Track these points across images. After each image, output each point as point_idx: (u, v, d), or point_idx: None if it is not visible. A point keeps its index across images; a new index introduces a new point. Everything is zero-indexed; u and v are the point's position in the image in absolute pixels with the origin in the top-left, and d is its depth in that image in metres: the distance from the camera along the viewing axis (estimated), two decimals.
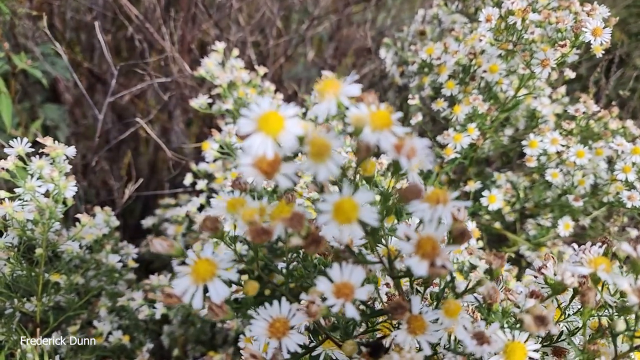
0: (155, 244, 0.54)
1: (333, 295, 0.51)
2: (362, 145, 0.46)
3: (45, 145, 1.15)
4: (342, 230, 0.47)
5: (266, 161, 0.48)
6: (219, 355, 1.31)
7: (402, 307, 0.55)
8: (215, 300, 0.50)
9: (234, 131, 1.40)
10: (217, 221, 0.54)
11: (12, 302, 1.24)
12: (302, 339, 0.55)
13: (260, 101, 0.48)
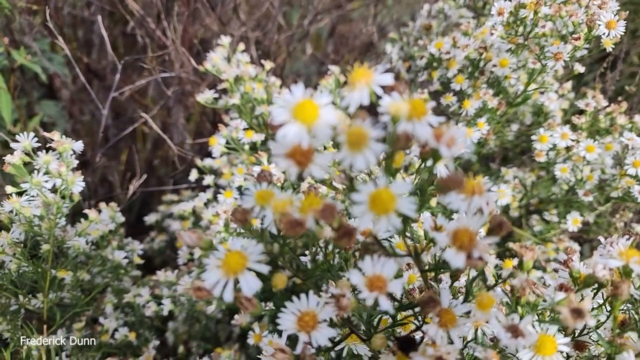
0: (184, 236, 0.52)
1: (366, 288, 0.50)
2: (401, 134, 0.45)
3: (52, 140, 1.14)
4: (378, 221, 0.45)
5: (300, 151, 0.46)
6: (227, 351, 1.30)
7: (433, 301, 0.54)
8: (247, 293, 0.49)
9: (241, 126, 1.39)
10: (248, 213, 0.52)
11: (18, 298, 1.22)
12: (332, 333, 0.54)
13: (294, 89, 0.47)
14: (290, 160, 0.46)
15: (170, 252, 1.94)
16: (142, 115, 1.58)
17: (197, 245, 0.54)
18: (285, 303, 0.55)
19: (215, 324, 1.72)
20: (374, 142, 0.45)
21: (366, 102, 0.50)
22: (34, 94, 2.51)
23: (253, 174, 1.25)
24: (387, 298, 0.50)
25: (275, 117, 0.45)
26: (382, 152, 0.44)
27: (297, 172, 0.47)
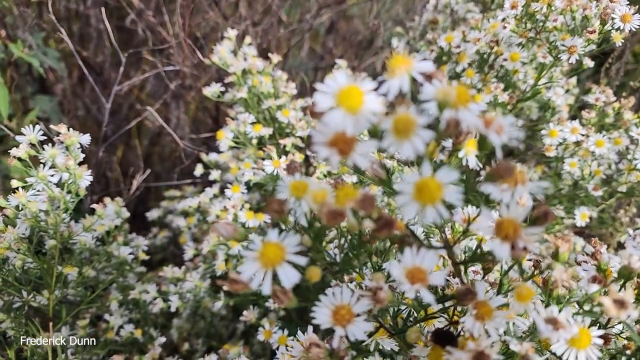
0: (219, 228, 0.51)
1: (407, 281, 0.49)
2: (451, 120, 0.44)
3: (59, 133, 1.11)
4: (423, 212, 0.44)
5: (343, 139, 0.45)
6: (236, 348, 1.29)
7: (471, 293, 0.53)
8: (286, 285, 0.47)
9: (249, 120, 1.37)
10: (284, 203, 0.51)
11: (22, 295, 1.20)
12: (369, 327, 0.52)
13: (338, 75, 0.46)
14: (332, 149, 0.45)
15: (170, 249, 1.93)
16: (147, 108, 1.55)
17: (232, 237, 0.52)
18: (320, 296, 0.54)
19: (219, 321, 1.71)
20: (421, 129, 0.43)
21: (406, 89, 0.49)
22: (27, 89, 2.47)
23: (263, 168, 1.24)
24: (428, 291, 0.48)
25: (319, 104, 0.44)
26: (430, 139, 0.43)
27: (338, 161, 0.45)
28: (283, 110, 1.43)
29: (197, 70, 2.00)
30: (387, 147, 0.44)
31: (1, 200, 1.09)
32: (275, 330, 1.21)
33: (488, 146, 0.46)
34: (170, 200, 1.89)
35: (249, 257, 0.49)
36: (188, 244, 1.49)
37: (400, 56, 0.50)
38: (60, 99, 2.36)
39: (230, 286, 0.49)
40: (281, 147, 1.36)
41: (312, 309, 0.54)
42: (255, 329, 1.70)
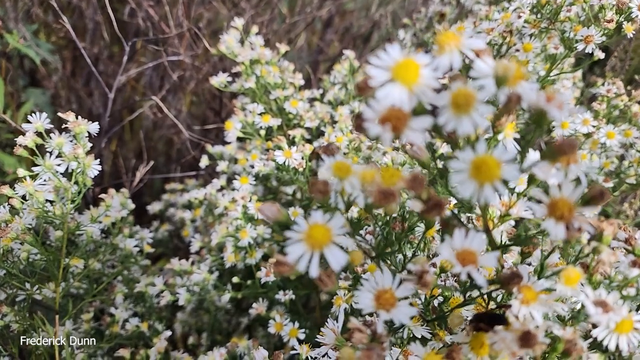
0: (264, 210, 0.49)
1: (459, 263, 0.48)
2: (512, 96, 0.43)
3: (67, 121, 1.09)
4: (481, 190, 0.43)
5: (396, 115, 0.44)
6: (244, 341, 1.27)
7: (517, 276, 0.52)
8: (335, 267, 0.46)
9: (258, 110, 1.35)
10: (328, 184, 0.49)
11: (27, 288, 1.17)
12: (413, 311, 0.51)
13: (391, 48, 0.44)
14: (386, 125, 0.43)
15: (170, 243, 1.90)
16: (152, 98, 1.52)
17: (276, 219, 0.51)
18: (361, 281, 0.53)
19: (222, 315, 1.69)
20: (481, 104, 0.42)
21: (457, 66, 0.47)
22: (19, 82, 2.43)
23: (274, 158, 1.22)
24: (479, 273, 0.47)
25: (374, 78, 0.43)
26: (489, 115, 0.42)
27: (392, 138, 0.44)
28: (291, 100, 1.41)
29: (198, 62, 1.97)
30: (444, 123, 0.43)
31: (8, 189, 1.06)
32: (286, 322, 1.19)
33: (547, 122, 0.45)
34: (172, 193, 1.86)
35: (294, 239, 0.48)
36: (194, 236, 1.47)
37: (449, 32, 0.48)
38: (53, 92, 2.32)
39: (275, 268, 0.47)
40: (289, 138, 1.34)
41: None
42: (259, 323, 1.70)
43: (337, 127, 1.40)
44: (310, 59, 2.67)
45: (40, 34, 2.45)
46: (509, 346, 0.48)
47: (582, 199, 0.47)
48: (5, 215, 1.06)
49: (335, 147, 0.57)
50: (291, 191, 1.53)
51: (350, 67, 1.56)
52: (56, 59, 2.43)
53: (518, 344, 0.48)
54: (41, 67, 2.25)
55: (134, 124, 2.31)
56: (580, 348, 0.51)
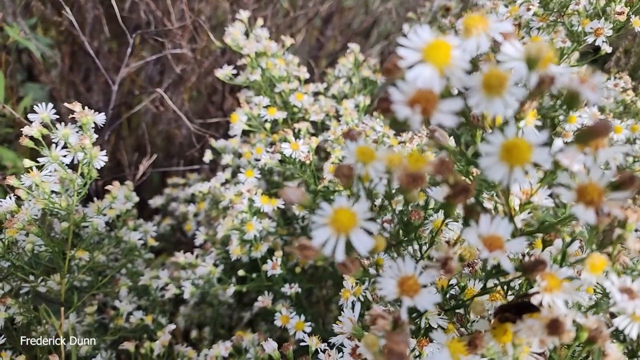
0: (287, 193, 0.49)
1: (486, 248, 0.47)
2: (545, 77, 0.42)
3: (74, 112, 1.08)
4: (511, 173, 0.42)
5: (425, 96, 0.43)
6: (250, 335, 1.26)
7: (542, 264, 0.51)
8: (361, 252, 0.45)
9: (263, 102, 1.35)
10: (352, 168, 0.49)
11: (32, 280, 1.16)
12: (437, 298, 0.50)
13: (421, 29, 0.44)
14: (415, 107, 0.43)
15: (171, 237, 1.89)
16: (156, 90, 1.51)
17: (300, 202, 0.50)
18: (383, 267, 0.52)
19: (225, 310, 1.68)
20: (514, 85, 0.41)
21: (485, 49, 0.47)
22: (17, 76, 2.42)
23: (281, 150, 1.22)
24: (507, 258, 0.47)
25: (405, 58, 0.42)
26: (522, 97, 0.41)
27: (420, 121, 0.43)
28: (297, 94, 1.40)
29: (200, 55, 1.96)
30: (475, 105, 0.42)
31: (14, 179, 1.05)
32: (292, 315, 1.18)
33: (579, 104, 0.44)
34: (174, 187, 1.85)
35: (319, 223, 0.47)
36: (199, 229, 1.46)
37: (476, 16, 0.48)
38: (51, 87, 2.30)
39: (300, 253, 0.47)
40: (295, 131, 1.33)
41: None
42: (261, 318, 1.69)
43: (342, 121, 1.40)
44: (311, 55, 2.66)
45: (37, 30, 2.43)
46: (537, 334, 0.48)
47: (611, 185, 0.46)
48: (12, 206, 1.05)
49: (357, 132, 0.56)
50: (295, 185, 1.52)
51: (355, 60, 1.55)
52: (55, 53, 2.41)
53: (546, 331, 0.48)
54: (39, 62, 2.24)
55: (131, 120, 2.29)
56: (606, 335, 0.50)
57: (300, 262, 1.41)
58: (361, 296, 1.06)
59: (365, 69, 1.56)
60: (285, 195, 0.49)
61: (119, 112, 2.04)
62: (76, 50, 2.46)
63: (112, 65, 2.19)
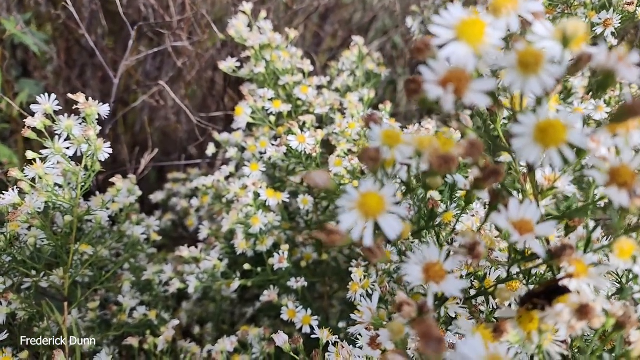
0: (314, 176, 0.48)
1: (517, 232, 0.46)
2: (583, 55, 0.41)
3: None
4: (547, 154, 0.42)
5: (457, 76, 0.42)
6: (256, 329, 1.25)
7: (570, 248, 0.50)
8: (390, 236, 0.44)
9: (268, 95, 1.33)
10: (379, 151, 0.48)
11: (32, 275, 1.14)
12: (463, 284, 0.50)
13: (452, 7, 0.43)
14: (448, 87, 0.42)
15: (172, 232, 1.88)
16: (159, 83, 1.49)
17: (326, 186, 0.49)
18: (408, 253, 0.51)
19: (227, 306, 1.67)
20: (549, 63, 0.40)
21: (515, 28, 0.46)
22: (12, 72, 2.39)
23: (288, 143, 1.20)
24: (538, 242, 0.46)
25: (438, 36, 0.41)
26: (558, 75, 0.40)
27: (452, 101, 0.42)
28: (301, 86, 1.39)
29: (200, 49, 1.94)
30: (510, 83, 0.41)
31: (17, 172, 1.03)
32: (299, 309, 1.17)
33: (613, 83, 0.43)
34: (175, 182, 1.83)
35: (346, 207, 0.46)
36: (203, 224, 1.45)
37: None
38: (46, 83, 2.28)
39: (327, 238, 0.46)
40: (300, 124, 1.32)
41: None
42: (264, 314, 1.68)
43: (347, 114, 1.39)
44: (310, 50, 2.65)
45: (31, 25, 2.40)
46: (566, 319, 0.47)
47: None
48: (15, 198, 1.03)
49: (379, 115, 0.55)
50: (299, 180, 1.51)
51: (359, 53, 1.54)
52: (52, 48, 2.39)
53: (576, 317, 0.47)
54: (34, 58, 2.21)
55: (127, 118, 2.27)
56: (635, 321, 0.50)
57: (305, 257, 1.39)
58: (369, 289, 1.06)
59: (369, 62, 1.55)
60: (311, 179, 0.48)
61: (115, 109, 2.02)
62: (71, 47, 2.43)
63: (110, 59, 2.17)
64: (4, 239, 1.07)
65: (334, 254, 1.56)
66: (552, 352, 0.55)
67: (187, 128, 2.26)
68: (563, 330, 0.49)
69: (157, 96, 1.98)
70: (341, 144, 1.31)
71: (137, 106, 2.12)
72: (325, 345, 0.93)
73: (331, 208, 1.46)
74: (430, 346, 0.39)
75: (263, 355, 1.20)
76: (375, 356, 0.64)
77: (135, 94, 2.13)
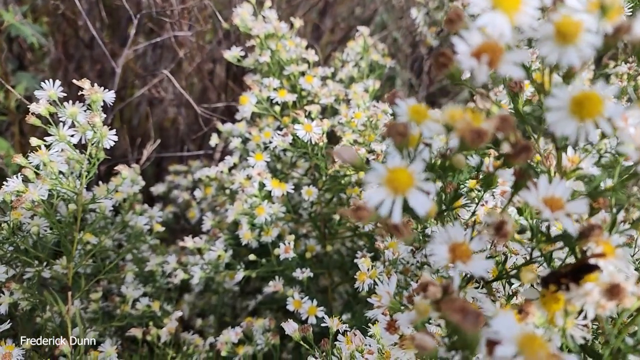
0: (341, 152, 0.46)
1: (548, 209, 0.45)
2: (624, 24, 0.40)
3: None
4: (583, 127, 0.41)
5: (491, 47, 0.41)
6: (261, 320, 1.24)
7: (598, 228, 0.50)
8: (420, 213, 0.43)
9: (274, 84, 1.32)
10: (407, 126, 0.47)
11: (38, 264, 1.12)
12: (489, 264, 0.49)
13: None
14: (483, 57, 0.41)
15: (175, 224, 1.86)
16: (162, 72, 1.48)
17: (353, 162, 0.48)
18: (433, 233, 0.50)
19: (229, 298, 1.66)
20: (588, 33, 0.40)
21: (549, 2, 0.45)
22: (8, 65, 2.36)
23: (295, 132, 1.19)
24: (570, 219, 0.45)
25: (474, 4, 0.40)
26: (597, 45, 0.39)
27: (486, 73, 0.41)
28: (306, 76, 1.38)
29: (201, 41, 1.92)
30: (547, 54, 0.40)
31: (21, 158, 1.02)
32: (305, 300, 1.16)
33: None
34: (176, 174, 1.82)
35: (373, 183, 0.45)
36: (207, 215, 1.44)
37: None
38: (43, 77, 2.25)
39: (354, 214, 0.45)
40: (306, 114, 1.31)
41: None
42: (266, 307, 1.67)
43: (353, 104, 1.38)
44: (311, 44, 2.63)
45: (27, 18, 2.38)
46: (596, 299, 0.46)
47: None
48: (19, 185, 1.01)
49: (400, 94, 0.54)
50: (303, 171, 1.50)
51: (364, 44, 1.53)
52: (49, 41, 2.37)
53: (607, 296, 0.46)
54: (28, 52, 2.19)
55: (123, 113, 2.25)
56: None
57: (308, 249, 1.39)
58: (377, 279, 1.05)
59: (374, 53, 1.54)
60: (339, 154, 0.47)
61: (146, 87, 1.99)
62: (68, 40, 2.41)
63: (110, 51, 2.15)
64: (7, 228, 1.06)
65: (337, 247, 1.55)
66: (575, 336, 0.54)
67: (187, 121, 2.24)
68: (591, 310, 0.48)
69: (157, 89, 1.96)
70: (347, 135, 1.30)
71: (134, 101, 2.10)
72: (335, 335, 0.92)
73: (335, 200, 1.45)
74: (469, 320, 0.38)
75: (268, 347, 1.19)
76: (393, 341, 0.63)
77: (132, 88, 2.12)
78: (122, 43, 2.20)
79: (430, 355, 0.47)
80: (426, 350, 0.45)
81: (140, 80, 2.00)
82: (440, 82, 2.33)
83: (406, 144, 0.47)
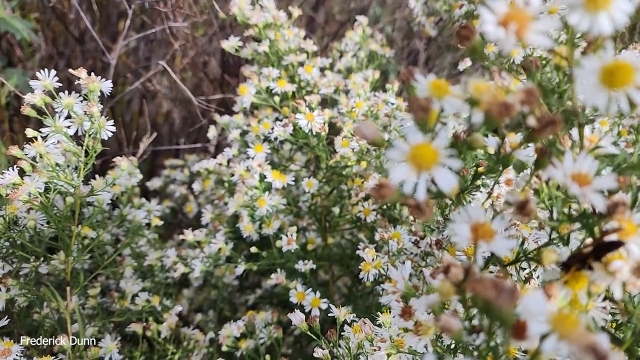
0: (362, 128, 0.45)
1: (576, 184, 0.44)
2: None
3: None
4: (615, 96, 0.39)
5: (517, 16, 0.40)
6: (263, 313, 1.22)
7: (622, 204, 0.48)
8: (446, 190, 0.42)
9: (274, 74, 1.30)
10: (429, 101, 0.45)
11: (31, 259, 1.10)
12: (512, 244, 0.47)
13: None
14: (511, 25, 0.39)
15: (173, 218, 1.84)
16: (159, 63, 1.45)
17: (374, 139, 0.46)
18: (454, 213, 0.49)
19: (228, 293, 1.64)
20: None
21: None
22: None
23: (296, 121, 1.17)
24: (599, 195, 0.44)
25: None
26: (630, 11, 0.38)
27: (513, 42, 0.40)
28: (306, 66, 1.36)
29: (197, 33, 1.90)
30: (577, 22, 0.39)
31: (17, 150, 0.99)
32: (308, 292, 1.15)
33: None
34: (172, 169, 1.80)
35: (396, 159, 0.43)
36: (206, 208, 1.41)
37: None
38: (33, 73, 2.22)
39: (376, 192, 0.43)
40: (307, 104, 1.29)
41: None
42: (267, 301, 1.65)
43: (353, 94, 1.36)
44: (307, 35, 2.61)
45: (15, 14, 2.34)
46: (625, 276, 0.45)
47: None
48: (15, 178, 0.99)
49: (415, 70, 0.52)
50: (302, 164, 1.48)
51: (363, 34, 1.51)
52: (39, 36, 2.33)
53: (636, 274, 0.45)
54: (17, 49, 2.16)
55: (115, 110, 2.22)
56: None
57: (309, 241, 1.37)
58: (381, 269, 1.04)
59: (373, 43, 1.52)
60: (360, 131, 0.45)
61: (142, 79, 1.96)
62: (57, 37, 2.38)
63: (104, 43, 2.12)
64: (3, 222, 1.03)
65: (337, 239, 1.53)
66: (597, 318, 0.53)
67: (181, 115, 2.22)
68: (618, 290, 0.47)
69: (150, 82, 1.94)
70: (348, 125, 1.29)
71: (126, 97, 2.07)
72: (341, 325, 0.91)
73: (335, 193, 1.43)
74: (504, 296, 0.36)
75: (270, 340, 1.18)
76: (405, 327, 0.62)
77: (123, 85, 2.09)
78: (112, 38, 2.17)
79: (455, 338, 0.45)
80: (451, 332, 0.44)
81: (133, 75, 1.97)
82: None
83: (428, 119, 0.45)
